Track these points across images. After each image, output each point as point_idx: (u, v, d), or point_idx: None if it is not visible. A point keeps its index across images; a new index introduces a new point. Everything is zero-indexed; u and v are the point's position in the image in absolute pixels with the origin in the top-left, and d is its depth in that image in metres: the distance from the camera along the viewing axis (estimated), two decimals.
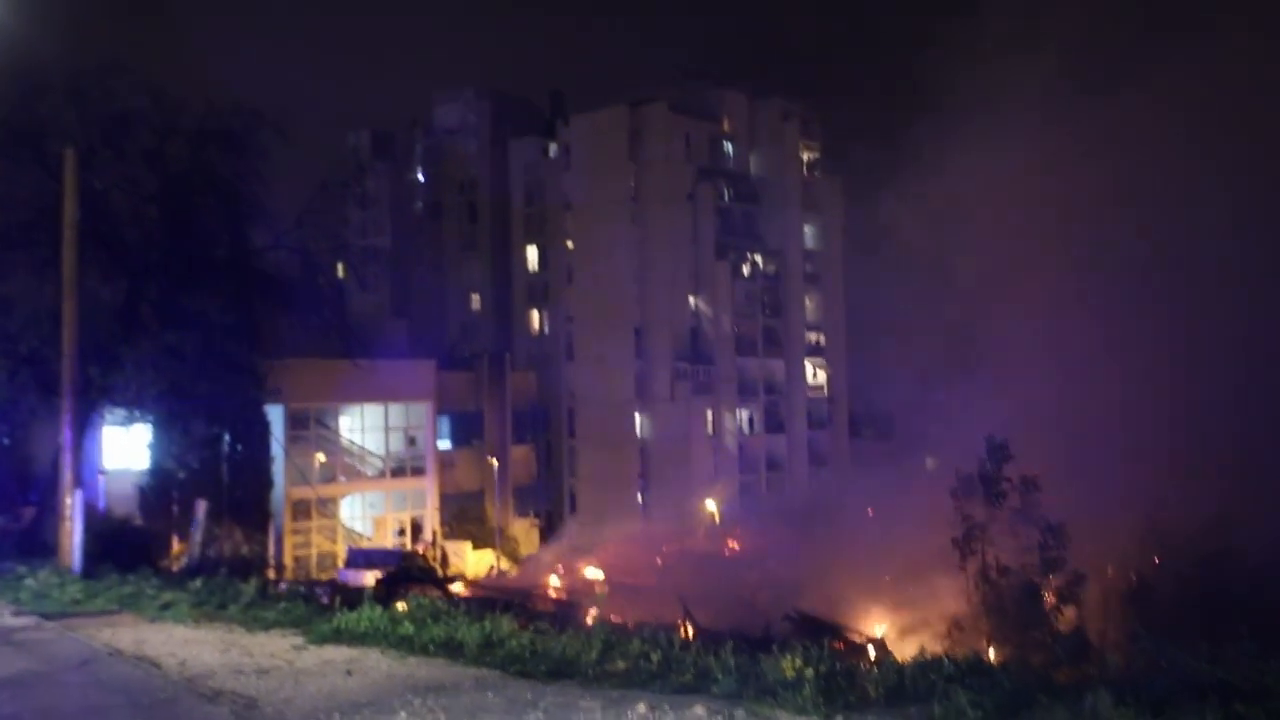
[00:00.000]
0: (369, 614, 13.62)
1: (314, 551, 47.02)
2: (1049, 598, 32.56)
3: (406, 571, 38.18)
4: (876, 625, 41.04)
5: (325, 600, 17.26)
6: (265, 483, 36.22)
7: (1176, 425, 43.89)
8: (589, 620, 24.42)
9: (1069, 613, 32.98)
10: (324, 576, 40.42)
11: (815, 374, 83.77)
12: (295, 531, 46.28)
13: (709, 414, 75.19)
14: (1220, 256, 48.76)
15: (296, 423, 46.40)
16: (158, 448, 29.98)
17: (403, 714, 9.40)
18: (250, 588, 16.40)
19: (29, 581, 17.22)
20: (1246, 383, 44.94)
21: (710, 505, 68.93)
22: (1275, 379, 44.40)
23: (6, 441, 25.93)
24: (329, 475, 48.89)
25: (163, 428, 29.05)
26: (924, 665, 10.04)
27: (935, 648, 17.13)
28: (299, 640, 12.99)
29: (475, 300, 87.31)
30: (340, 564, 44.43)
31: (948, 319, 56.88)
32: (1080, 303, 51.35)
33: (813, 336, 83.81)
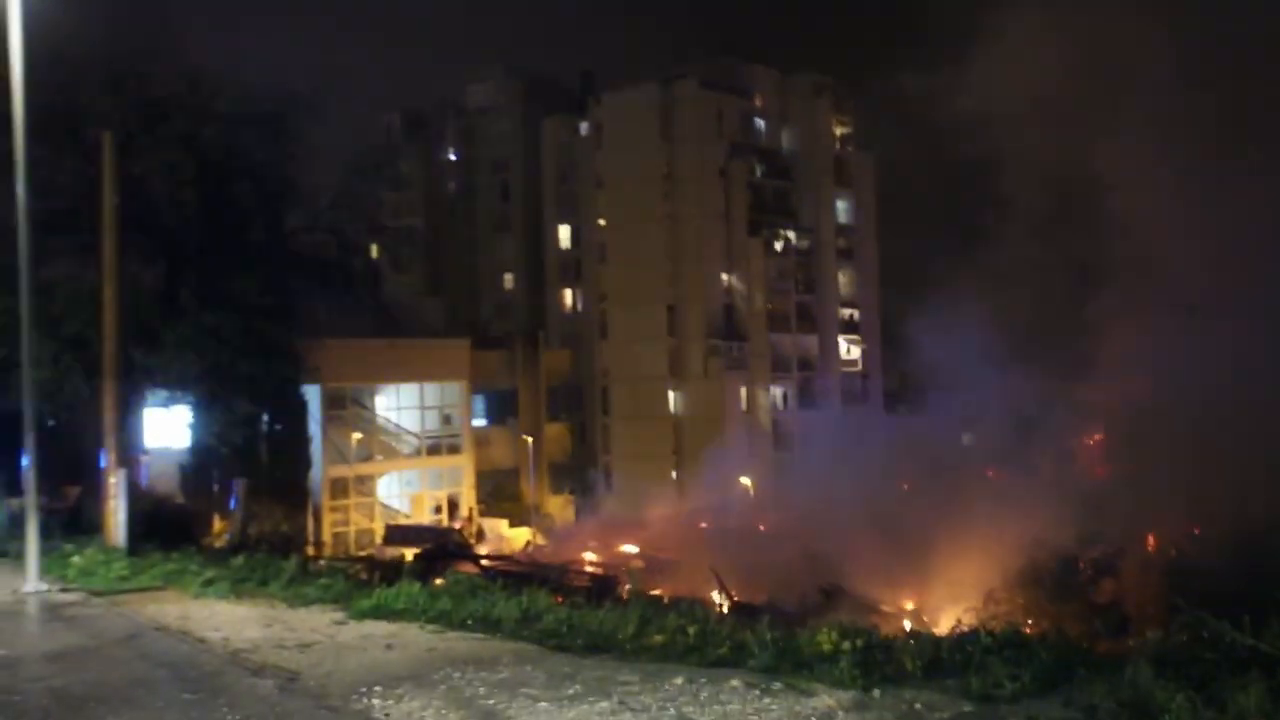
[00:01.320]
0: (407, 590, 13.78)
1: (352, 529, 47.51)
2: (1086, 570, 32.34)
3: (444, 548, 38.52)
4: (912, 598, 40.94)
5: (364, 576, 17.47)
6: (304, 461, 36.66)
7: (1227, 396, 43.11)
8: (624, 594, 24.57)
9: (1107, 585, 32.75)
10: (362, 553, 40.86)
11: (849, 349, 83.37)
12: (333, 509, 46.76)
13: (743, 391, 75.06)
14: None
15: (334, 402, 46.78)
16: (198, 427, 30.38)
17: (443, 687, 9.51)
18: (291, 565, 16.64)
19: (76, 559, 17.57)
20: None
21: (745, 480, 68.93)
22: None
23: (52, 423, 26.37)
24: (366, 454, 49.32)
25: (203, 408, 29.42)
26: (961, 638, 10.02)
27: (971, 620, 17.08)
28: (339, 616, 13.17)
29: (509, 279, 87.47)
30: (378, 541, 44.90)
31: (986, 292, 56.17)
32: (1135, 263, 50.13)
33: (846, 312, 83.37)
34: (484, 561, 35.30)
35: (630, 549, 50.56)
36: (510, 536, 52.41)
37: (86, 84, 27.78)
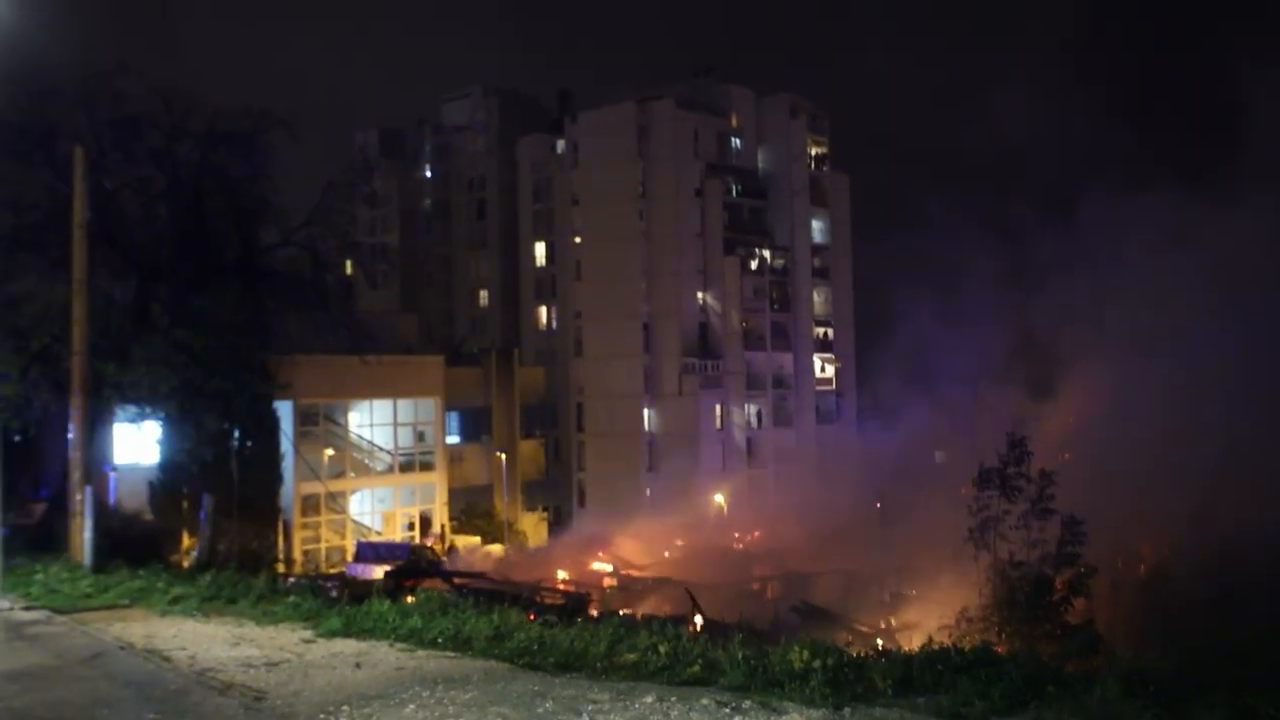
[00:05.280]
0: (378, 607, 13.69)
1: (323, 546, 47.09)
2: (1059, 589, 32.46)
3: (415, 565, 38.23)
4: (886, 616, 41.01)
5: (334, 594, 17.35)
6: (275, 478, 36.28)
7: (1191, 419, 43.64)
8: (595, 613, 24.48)
9: (1079, 604, 32.88)
10: (333, 571, 40.51)
11: (824, 368, 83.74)
12: (304, 526, 46.34)
13: (717, 408, 75.20)
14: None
15: (306, 418, 46.42)
16: (168, 444, 30.08)
17: (411, 706, 9.44)
18: (260, 582, 16.50)
19: (40, 576, 17.34)
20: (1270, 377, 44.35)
21: (719, 499, 68.96)
22: None
23: (18, 439, 26.05)
24: (338, 470, 48.95)
25: (173, 424, 29.15)
26: (932, 656, 10.05)
27: (944, 639, 17.11)
28: (308, 634, 13.06)
29: (484, 296, 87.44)
30: (349, 558, 44.53)
31: (958, 314, 56.78)
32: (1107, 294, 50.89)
33: (821, 331, 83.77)
34: (456, 579, 35.07)
35: (604, 567, 50.43)
36: (482, 554, 52.09)
37: (59, 99, 27.61)
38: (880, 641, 32.42)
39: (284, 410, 39.02)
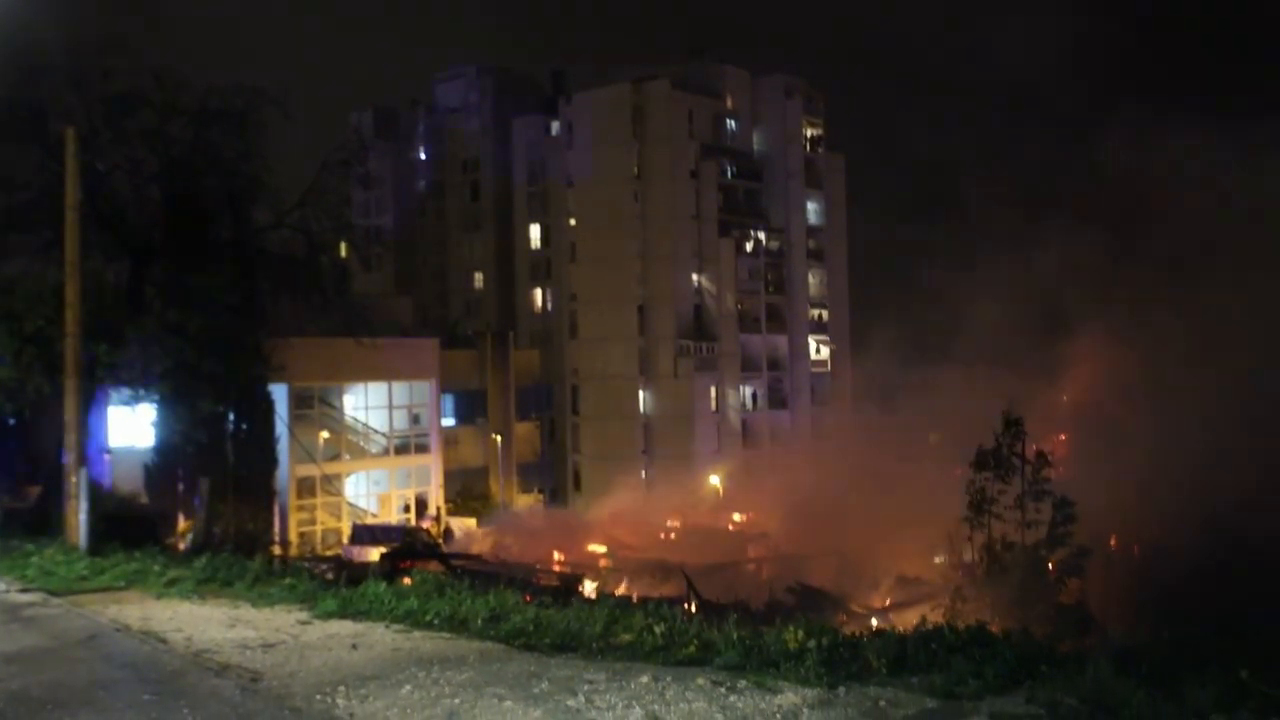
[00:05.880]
0: (374, 589, 13.71)
1: (319, 528, 47.20)
2: (1052, 570, 32.64)
3: (411, 547, 38.31)
4: (880, 597, 41.19)
5: (330, 576, 17.39)
6: (270, 460, 36.27)
7: (1188, 397, 43.72)
8: (590, 594, 24.56)
9: (1072, 584, 33.07)
10: (329, 553, 40.58)
11: (818, 349, 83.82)
12: (300, 508, 46.43)
13: (712, 390, 75.28)
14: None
15: (301, 401, 46.45)
16: (163, 426, 30.05)
17: (408, 687, 9.45)
18: (255, 564, 16.51)
19: (36, 559, 17.32)
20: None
21: (714, 480, 69.10)
22: None
23: (12, 421, 26.01)
24: (333, 453, 49.00)
25: (168, 406, 29.11)
26: (926, 635, 10.08)
27: (938, 619, 17.18)
28: (304, 615, 13.07)
29: (478, 278, 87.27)
30: (345, 540, 44.60)
31: (953, 291, 56.79)
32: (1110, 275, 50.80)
33: (816, 312, 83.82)
34: (451, 561, 35.13)
35: (599, 549, 50.55)
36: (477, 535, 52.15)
37: (49, 78, 27.43)
38: (875, 621, 32.57)
39: (279, 393, 38.98)
